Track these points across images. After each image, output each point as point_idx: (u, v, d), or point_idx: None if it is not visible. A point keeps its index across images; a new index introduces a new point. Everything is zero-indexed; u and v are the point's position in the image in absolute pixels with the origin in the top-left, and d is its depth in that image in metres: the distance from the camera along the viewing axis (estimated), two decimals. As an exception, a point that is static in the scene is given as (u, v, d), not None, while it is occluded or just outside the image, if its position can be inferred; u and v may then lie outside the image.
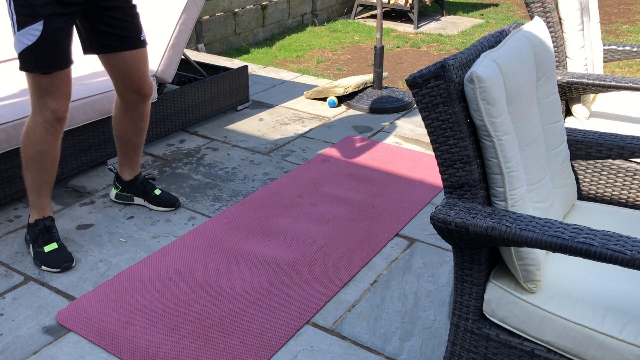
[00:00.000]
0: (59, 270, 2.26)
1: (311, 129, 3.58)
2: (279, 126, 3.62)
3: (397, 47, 5.96)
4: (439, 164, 1.43)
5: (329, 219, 2.62)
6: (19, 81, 3.02)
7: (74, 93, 2.85)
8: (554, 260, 1.57)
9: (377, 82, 3.98)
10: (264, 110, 3.87)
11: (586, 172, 1.94)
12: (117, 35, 2.28)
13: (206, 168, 3.10)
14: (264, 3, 6.16)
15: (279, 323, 2.02)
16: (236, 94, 3.77)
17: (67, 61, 2.15)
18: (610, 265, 1.50)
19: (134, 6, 2.31)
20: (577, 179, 1.96)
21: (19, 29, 2.05)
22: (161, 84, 3.27)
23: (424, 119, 1.41)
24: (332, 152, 3.26)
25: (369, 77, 4.14)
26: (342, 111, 3.87)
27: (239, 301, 2.12)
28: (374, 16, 7.09)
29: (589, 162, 1.92)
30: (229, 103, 3.75)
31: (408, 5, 6.69)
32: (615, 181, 1.90)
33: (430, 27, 6.75)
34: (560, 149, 1.74)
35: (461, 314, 1.52)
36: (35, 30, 2.05)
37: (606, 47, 2.84)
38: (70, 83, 2.19)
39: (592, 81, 2.33)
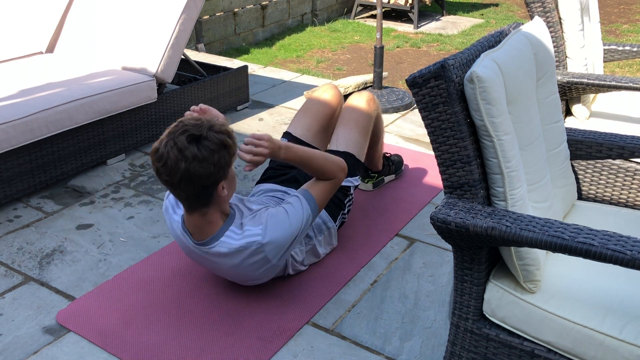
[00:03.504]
0: None
1: (311, 129, 3.57)
2: (279, 126, 3.62)
3: (397, 47, 5.96)
4: (439, 164, 1.43)
5: (329, 219, 2.62)
6: (19, 81, 3.02)
7: (74, 93, 2.86)
8: (554, 260, 1.57)
9: (377, 82, 3.98)
10: (264, 110, 3.87)
11: (586, 172, 1.94)
12: None
13: (206, 168, 3.09)
14: (264, 3, 6.16)
15: (279, 323, 2.02)
16: (236, 94, 3.77)
17: None
18: (610, 265, 1.50)
19: None
20: (577, 179, 1.96)
21: None
22: (161, 84, 3.27)
23: (424, 119, 1.41)
24: (332, 152, 3.26)
25: (369, 77, 4.14)
26: (342, 111, 3.86)
27: (239, 301, 2.12)
28: (374, 16, 7.09)
29: (589, 162, 1.92)
30: (229, 103, 3.75)
31: (408, 5, 6.69)
32: (615, 181, 1.90)
33: (430, 27, 6.75)
34: (560, 149, 1.74)
35: (461, 314, 1.52)
36: None
37: (606, 47, 2.84)
38: None
39: (592, 81, 2.33)
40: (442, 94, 1.36)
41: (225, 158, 1.77)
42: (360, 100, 2.50)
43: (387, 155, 2.91)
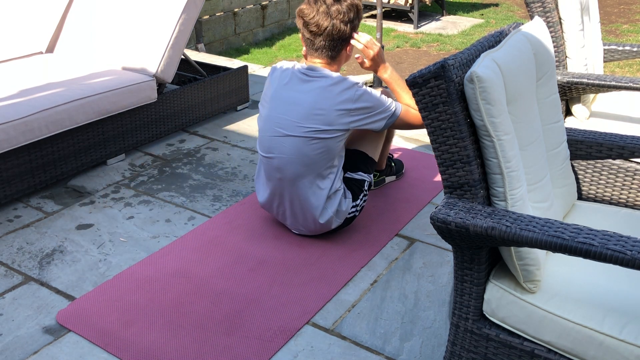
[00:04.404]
0: None
1: (311, 129, 3.57)
2: (279, 126, 3.61)
3: (397, 47, 5.96)
4: (439, 164, 1.43)
5: (329, 219, 2.62)
6: (19, 81, 3.02)
7: (74, 93, 2.86)
8: (554, 261, 1.57)
9: (377, 81, 3.98)
10: (264, 110, 3.87)
11: (586, 172, 1.94)
12: None
13: (206, 168, 3.10)
14: (264, 3, 6.16)
15: (279, 323, 2.02)
16: (236, 94, 3.77)
17: None
18: (610, 266, 1.50)
19: None
20: (577, 179, 1.96)
21: None
22: (161, 84, 3.27)
23: (424, 119, 1.41)
24: (332, 152, 3.26)
25: (369, 76, 4.15)
26: (342, 111, 3.86)
27: (239, 301, 2.12)
28: (374, 16, 7.09)
29: (589, 162, 1.92)
30: (229, 103, 3.75)
31: (408, 5, 6.69)
32: (615, 181, 1.90)
33: (430, 27, 6.75)
34: (560, 149, 1.74)
35: (461, 314, 1.52)
36: None
37: (606, 47, 2.84)
38: None
39: (592, 81, 2.33)
40: (442, 94, 1.36)
41: (356, 22, 2.29)
42: None
43: (390, 155, 2.92)
